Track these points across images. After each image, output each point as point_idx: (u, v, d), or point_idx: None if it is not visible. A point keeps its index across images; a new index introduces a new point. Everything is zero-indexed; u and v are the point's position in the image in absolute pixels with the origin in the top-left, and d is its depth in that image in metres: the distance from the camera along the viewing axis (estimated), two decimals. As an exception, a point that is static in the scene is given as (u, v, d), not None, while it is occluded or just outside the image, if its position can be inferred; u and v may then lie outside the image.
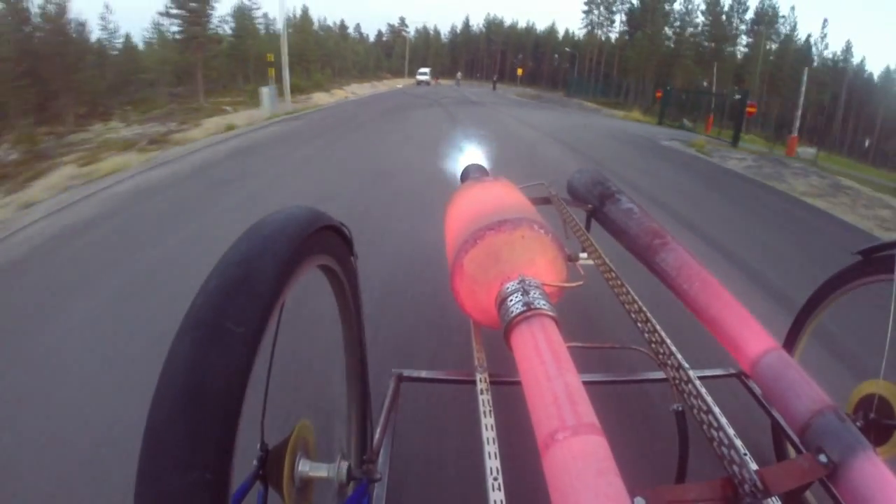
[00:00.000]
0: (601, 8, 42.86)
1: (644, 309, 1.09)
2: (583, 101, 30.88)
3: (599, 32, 46.09)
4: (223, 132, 10.91)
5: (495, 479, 0.85)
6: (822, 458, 0.78)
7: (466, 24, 73.87)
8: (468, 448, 1.52)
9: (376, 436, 1.11)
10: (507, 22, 70.45)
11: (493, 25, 69.89)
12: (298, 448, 0.75)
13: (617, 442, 0.68)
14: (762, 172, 8.87)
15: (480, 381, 1.16)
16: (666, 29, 34.37)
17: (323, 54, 40.78)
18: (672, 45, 31.72)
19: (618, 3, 40.62)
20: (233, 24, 32.31)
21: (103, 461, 1.57)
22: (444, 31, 76.82)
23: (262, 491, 0.70)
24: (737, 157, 10.61)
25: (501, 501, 0.80)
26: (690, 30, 34.35)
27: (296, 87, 21.92)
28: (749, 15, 34.87)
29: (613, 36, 43.93)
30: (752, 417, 1.41)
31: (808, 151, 16.58)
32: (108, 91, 24.05)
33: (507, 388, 1.18)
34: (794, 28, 34.29)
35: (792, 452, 1.45)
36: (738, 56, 32.01)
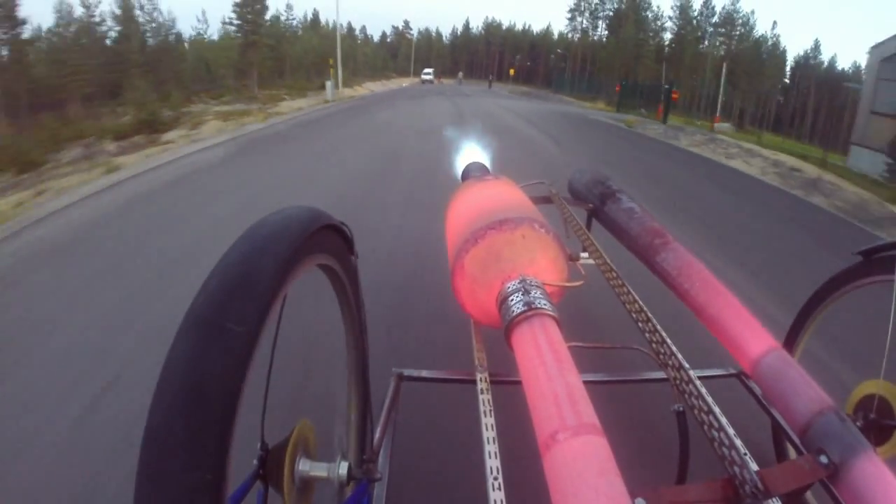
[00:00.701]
0: (585, 14, 49.42)
1: (645, 309, 1.09)
2: (563, 97, 35.51)
3: (577, 36, 52.15)
4: (309, 107, 17.03)
5: (495, 478, 0.85)
6: (823, 458, 0.78)
7: (466, 27, 78.08)
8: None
9: (376, 435, 1.11)
10: (505, 24, 74.32)
11: (492, 28, 73.67)
12: (299, 447, 0.75)
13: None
14: (665, 135, 13.71)
15: (481, 380, 1.16)
16: (641, 33, 40.24)
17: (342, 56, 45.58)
18: (636, 48, 37.45)
19: (601, 11, 46.57)
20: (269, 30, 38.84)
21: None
22: (446, 32, 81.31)
23: (262, 490, 0.70)
24: (654, 128, 15.23)
25: (502, 501, 0.80)
26: (651, 34, 40.58)
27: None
28: (716, 18, 40.35)
29: (597, 39, 49.55)
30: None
31: (725, 126, 20.91)
32: (194, 80, 30.19)
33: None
34: (750, 29, 38.55)
35: (792, 453, 1.46)
36: (700, 53, 37.21)
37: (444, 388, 1.41)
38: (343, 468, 0.80)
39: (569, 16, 53.29)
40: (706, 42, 39.00)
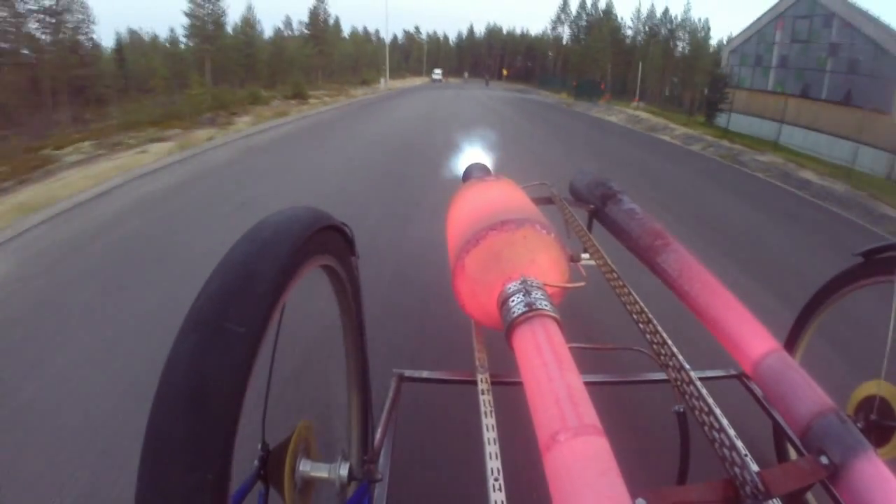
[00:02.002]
0: (564, 25, 60.23)
1: (646, 310, 1.09)
2: (541, 91, 43.63)
3: (564, 41, 62.90)
4: (372, 93, 28.18)
5: (496, 479, 0.85)
6: (824, 459, 0.78)
7: (471, 31, 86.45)
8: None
9: (377, 436, 1.11)
10: (506, 29, 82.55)
11: (493, 32, 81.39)
12: (299, 448, 0.75)
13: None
14: (586, 108, 23.24)
15: (482, 381, 1.15)
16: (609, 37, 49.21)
17: (373, 59, 55.09)
18: (600, 52, 46.23)
19: (580, 20, 56.63)
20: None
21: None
22: (452, 36, 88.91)
23: (262, 491, 0.70)
24: (583, 106, 25.09)
25: (502, 502, 0.80)
26: (620, 38, 49.59)
27: (370, 80, 38.46)
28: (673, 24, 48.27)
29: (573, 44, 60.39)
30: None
31: (641, 105, 26.99)
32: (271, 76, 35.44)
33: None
34: (694, 33, 44.29)
35: (793, 454, 1.45)
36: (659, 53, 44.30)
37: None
38: (344, 469, 0.80)
39: (551, 25, 65.22)
40: (649, 45, 46.76)
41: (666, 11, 53.54)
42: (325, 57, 40.80)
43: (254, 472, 0.70)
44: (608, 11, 51.70)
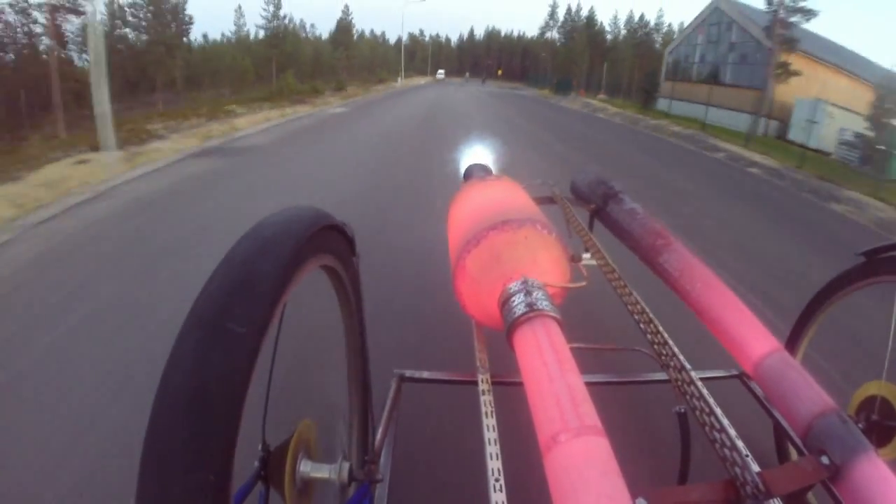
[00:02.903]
0: (553, 30, 67.74)
1: (647, 310, 1.09)
2: (529, 87, 51.60)
3: (556, 42, 70.53)
4: (391, 88, 35.26)
5: (497, 480, 0.85)
6: (825, 459, 0.77)
7: (471, 34, 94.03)
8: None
9: (378, 436, 1.11)
10: (504, 31, 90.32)
11: (492, 35, 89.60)
12: (300, 448, 0.75)
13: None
14: (558, 100, 30.60)
15: (482, 381, 1.15)
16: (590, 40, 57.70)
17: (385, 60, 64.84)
18: (580, 53, 53.46)
19: (567, 24, 64.03)
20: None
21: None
22: (454, 38, 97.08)
23: (263, 491, 0.70)
24: (558, 98, 31.92)
25: (503, 502, 0.80)
26: (600, 40, 58.19)
27: (386, 79, 46.20)
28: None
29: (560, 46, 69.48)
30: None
31: (603, 97, 32.09)
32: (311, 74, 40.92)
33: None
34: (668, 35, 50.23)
35: (794, 454, 1.45)
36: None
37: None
38: (344, 469, 0.80)
39: (540, 31, 72.73)
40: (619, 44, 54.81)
41: (642, 17, 63.11)
42: (350, 59, 48.43)
43: (254, 473, 0.70)
44: (590, 17, 61.32)
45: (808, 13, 18.72)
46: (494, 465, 0.88)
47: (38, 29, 19.13)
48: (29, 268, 3.32)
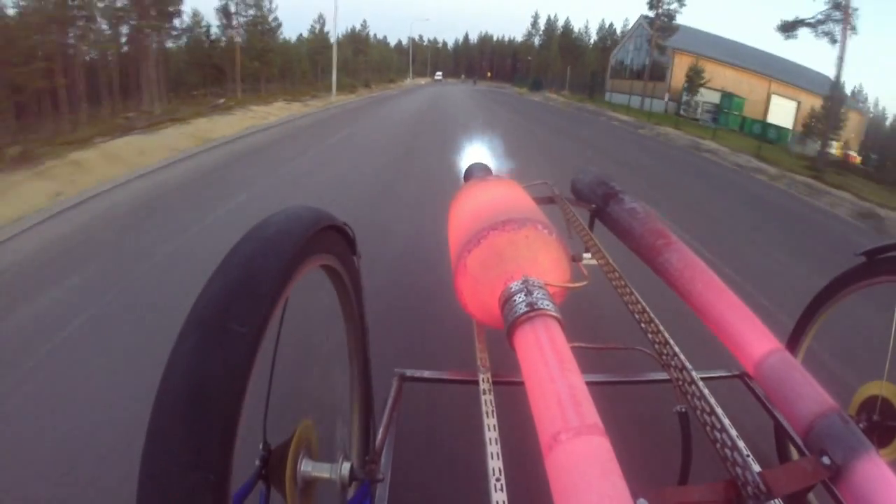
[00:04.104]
0: (535, 37, 76.87)
1: (647, 310, 1.09)
2: (512, 87, 58.26)
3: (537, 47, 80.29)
4: (403, 86, 48.85)
5: (498, 479, 0.85)
6: (825, 460, 0.77)
7: (466, 38, 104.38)
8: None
9: (378, 436, 1.11)
10: (496, 36, 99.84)
11: (485, 40, 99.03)
12: (301, 448, 0.75)
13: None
14: (529, 96, 39.22)
15: (483, 381, 1.15)
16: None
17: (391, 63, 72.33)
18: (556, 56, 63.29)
19: (546, 32, 73.43)
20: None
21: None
22: (450, 42, 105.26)
23: (264, 491, 0.70)
24: (528, 95, 40.22)
25: (504, 502, 0.80)
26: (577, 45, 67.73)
27: (395, 79, 55.68)
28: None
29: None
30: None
31: (565, 93, 41.67)
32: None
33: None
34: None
35: (795, 454, 1.45)
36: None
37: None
38: (345, 469, 0.80)
39: (524, 38, 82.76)
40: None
41: (611, 25, 70.19)
42: (367, 63, 56.77)
43: (255, 472, 0.70)
44: (566, 27, 71.60)
45: (670, 28, 28.31)
46: (495, 464, 0.88)
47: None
48: (343, 111, 16.97)
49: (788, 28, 19.32)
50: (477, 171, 2.19)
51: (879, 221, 8.32)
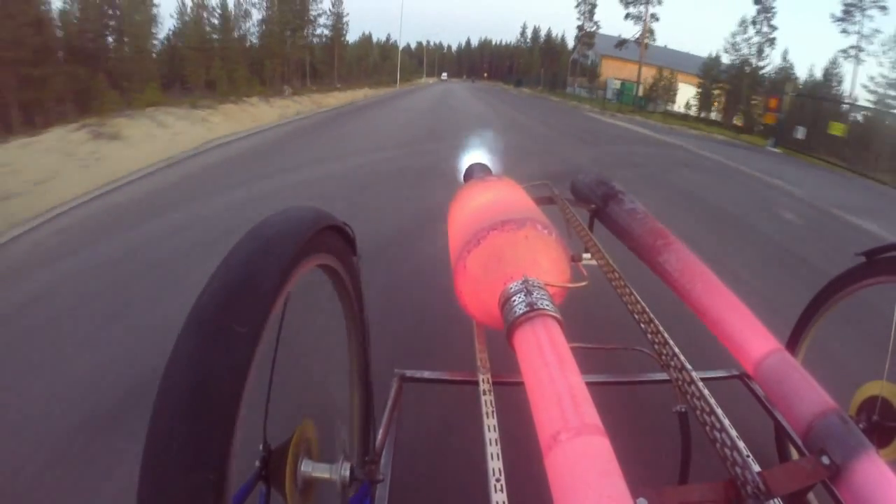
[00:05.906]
0: (524, 43, 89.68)
1: (647, 310, 1.09)
2: (504, 85, 69.65)
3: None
4: (418, 85, 60.88)
5: (497, 480, 0.85)
6: (825, 459, 0.77)
7: (468, 43, 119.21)
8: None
9: (379, 436, 1.11)
10: (494, 41, 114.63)
11: (485, 43, 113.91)
12: (301, 448, 0.75)
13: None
14: (511, 90, 52.04)
15: (483, 381, 1.15)
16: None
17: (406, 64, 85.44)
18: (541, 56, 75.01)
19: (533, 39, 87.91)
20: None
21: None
22: (454, 46, 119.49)
23: (263, 491, 0.70)
24: (512, 91, 52.24)
25: (504, 502, 0.80)
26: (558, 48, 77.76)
27: (411, 78, 68.58)
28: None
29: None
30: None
31: (539, 88, 52.62)
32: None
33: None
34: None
35: (794, 454, 1.45)
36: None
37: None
38: (345, 469, 0.80)
39: (515, 43, 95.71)
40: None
41: (590, 31, 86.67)
42: (386, 64, 67.65)
43: (255, 473, 0.70)
44: (548, 34, 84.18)
45: (591, 36, 43.19)
46: (495, 464, 0.88)
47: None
48: (407, 92, 35.09)
49: (619, 45, 35.84)
50: (476, 172, 2.19)
51: (581, 107, 24.04)
